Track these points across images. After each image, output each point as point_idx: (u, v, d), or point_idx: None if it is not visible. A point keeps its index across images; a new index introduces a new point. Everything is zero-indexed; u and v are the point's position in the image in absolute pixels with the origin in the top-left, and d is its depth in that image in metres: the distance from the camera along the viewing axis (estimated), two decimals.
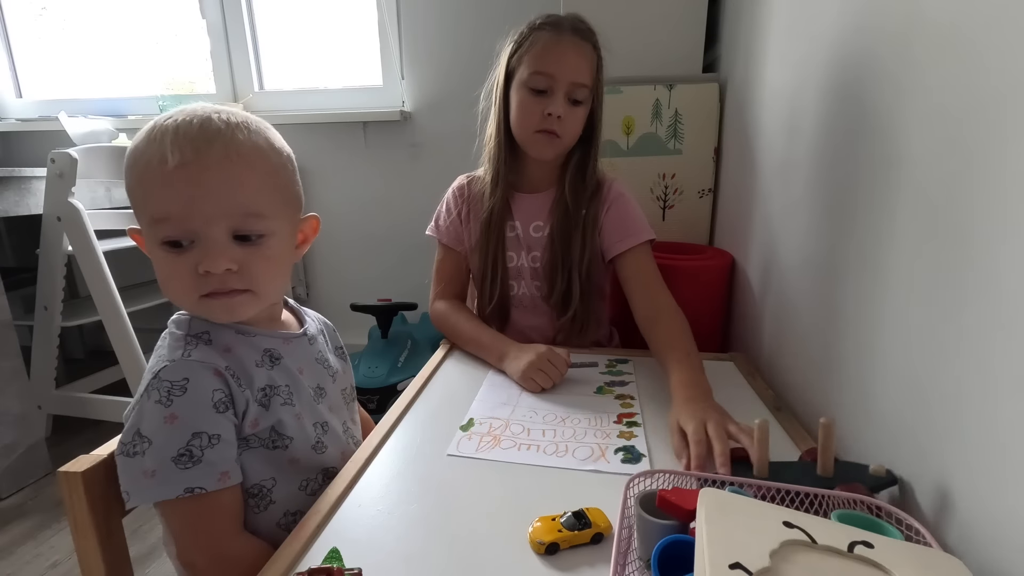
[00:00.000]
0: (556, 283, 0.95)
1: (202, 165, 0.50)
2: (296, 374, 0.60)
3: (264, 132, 0.56)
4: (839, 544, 0.35)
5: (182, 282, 0.53)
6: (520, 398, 0.79)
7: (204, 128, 0.51)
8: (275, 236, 0.55)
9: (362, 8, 1.84)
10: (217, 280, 0.52)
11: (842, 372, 0.66)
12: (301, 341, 0.64)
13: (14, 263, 2.15)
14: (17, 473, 1.47)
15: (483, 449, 0.65)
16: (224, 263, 0.51)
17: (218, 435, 0.51)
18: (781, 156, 0.88)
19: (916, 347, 0.51)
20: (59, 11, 2.08)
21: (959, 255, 0.45)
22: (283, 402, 0.57)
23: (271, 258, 0.55)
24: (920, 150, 0.51)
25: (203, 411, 0.51)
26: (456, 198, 1.02)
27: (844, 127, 0.67)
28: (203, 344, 0.55)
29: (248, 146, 0.53)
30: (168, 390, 0.50)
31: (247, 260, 0.53)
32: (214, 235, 0.51)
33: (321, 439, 0.61)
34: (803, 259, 0.79)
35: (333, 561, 0.46)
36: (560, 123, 0.88)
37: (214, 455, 0.51)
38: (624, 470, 0.60)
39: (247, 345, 0.58)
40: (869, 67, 0.61)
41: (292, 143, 0.63)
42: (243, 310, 0.56)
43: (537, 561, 0.47)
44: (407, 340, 1.74)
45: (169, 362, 0.52)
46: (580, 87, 0.87)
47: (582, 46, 0.88)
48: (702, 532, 0.35)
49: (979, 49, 0.44)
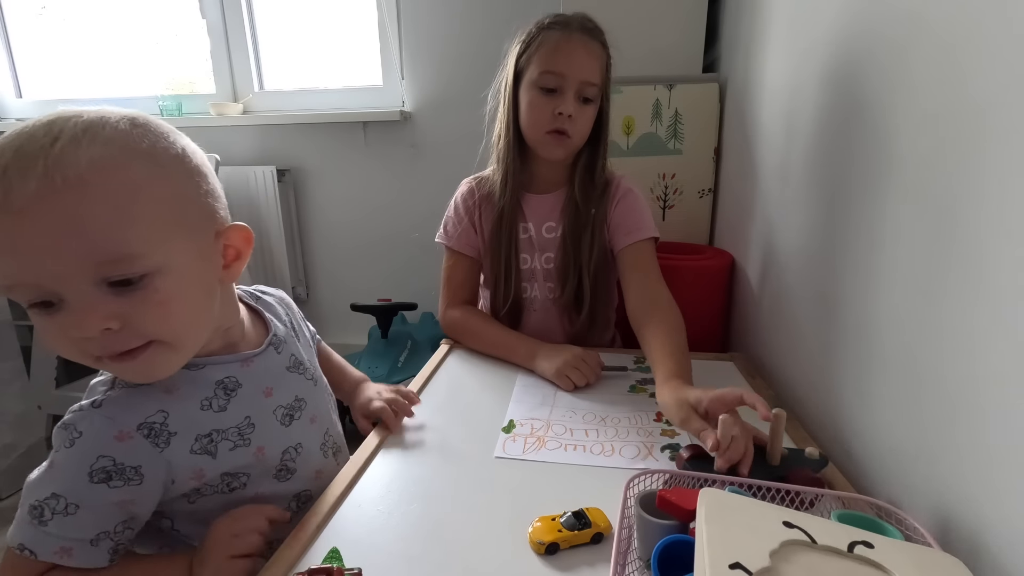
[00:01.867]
0: (567, 284, 0.96)
1: (13, 209, 0.37)
2: (260, 399, 0.54)
3: (125, 137, 0.42)
4: (839, 544, 0.35)
5: (69, 351, 0.44)
6: (556, 398, 0.79)
7: (20, 152, 0.38)
8: (166, 273, 0.43)
9: (362, 8, 1.84)
10: (97, 345, 0.42)
11: (842, 371, 0.66)
12: (266, 355, 0.56)
13: None
14: (17, 473, 1.47)
15: (530, 451, 0.65)
16: (97, 323, 0.41)
17: (76, 505, 0.44)
18: (781, 156, 0.88)
19: (916, 346, 0.51)
20: (59, 10, 2.08)
21: (959, 255, 0.45)
22: (232, 446, 0.52)
23: (166, 301, 0.44)
24: (920, 150, 0.51)
25: (74, 474, 0.44)
26: (466, 202, 1.01)
27: (844, 127, 0.67)
28: (133, 387, 0.48)
29: (86, 164, 0.39)
30: (64, 438, 0.46)
31: (131, 312, 0.42)
32: (74, 292, 0.40)
33: (288, 464, 0.56)
34: (803, 259, 0.79)
35: (333, 561, 0.46)
36: (571, 122, 0.88)
37: (61, 527, 0.44)
38: (674, 468, 0.59)
39: (193, 383, 0.50)
40: (868, 67, 0.61)
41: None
42: (162, 368, 0.47)
43: (537, 561, 0.47)
44: (407, 340, 1.74)
45: (79, 410, 0.47)
46: (590, 86, 0.87)
47: (591, 44, 0.87)
48: (702, 532, 0.35)
49: (975, 50, 0.44)
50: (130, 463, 0.46)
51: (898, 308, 0.54)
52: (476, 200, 1.00)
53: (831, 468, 0.59)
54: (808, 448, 0.56)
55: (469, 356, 0.95)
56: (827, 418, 0.68)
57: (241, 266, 0.52)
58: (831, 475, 0.58)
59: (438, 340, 1.03)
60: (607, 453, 0.64)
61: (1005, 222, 0.40)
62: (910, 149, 0.53)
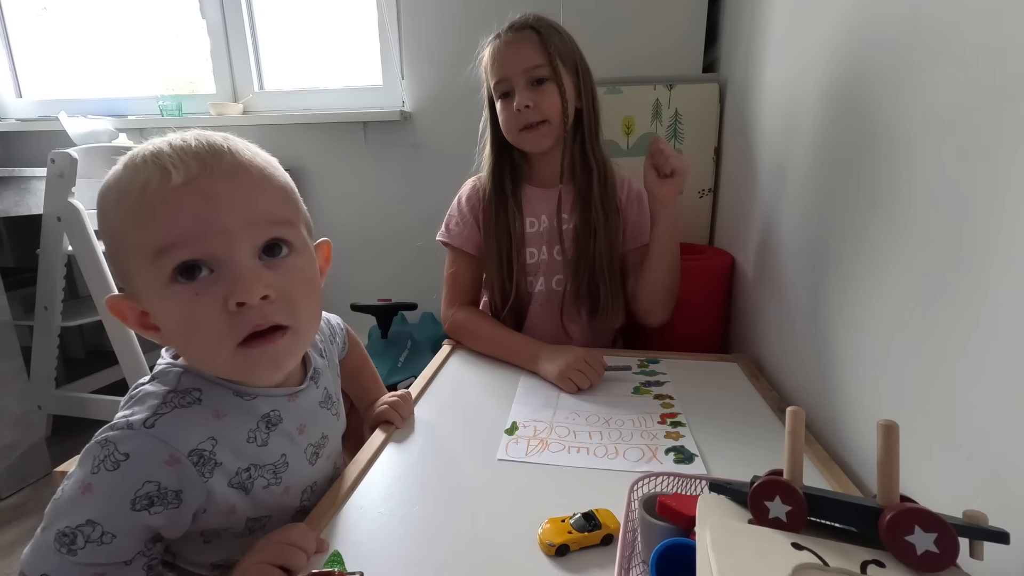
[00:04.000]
0: (579, 276, 0.96)
1: (214, 179, 0.43)
2: (295, 436, 0.53)
3: (265, 153, 0.51)
4: (851, 566, 0.34)
5: (211, 328, 0.43)
6: (559, 400, 0.79)
7: (205, 143, 0.44)
8: (303, 253, 0.49)
9: (362, 8, 1.84)
10: (256, 314, 0.44)
11: (845, 372, 0.65)
12: (307, 391, 0.56)
13: (14, 263, 2.15)
14: (17, 473, 1.47)
15: (533, 453, 0.65)
16: (260, 288, 0.43)
17: (113, 535, 0.41)
18: (781, 156, 0.88)
19: (918, 346, 0.51)
20: (60, 11, 2.07)
21: (961, 255, 0.45)
22: (266, 484, 0.50)
23: (307, 280, 0.48)
24: (920, 150, 0.51)
25: (117, 501, 0.42)
26: (470, 200, 1.02)
27: (844, 127, 0.67)
28: (185, 407, 0.46)
29: (259, 159, 0.47)
30: (104, 457, 0.42)
31: (282, 284, 0.45)
32: (238, 256, 0.43)
33: (306, 504, 0.55)
34: (803, 259, 0.79)
35: (335, 565, 0.46)
36: (533, 111, 0.90)
37: (94, 555, 0.41)
38: (678, 471, 0.59)
39: (243, 412, 0.49)
40: (869, 67, 0.61)
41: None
42: (288, 359, 0.49)
43: (546, 563, 0.47)
44: (407, 340, 1.74)
45: (127, 427, 0.43)
46: (533, 69, 0.90)
47: (520, 36, 0.91)
48: (710, 560, 0.34)
49: (977, 50, 0.44)
50: (173, 487, 0.44)
51: (899, 308, 0.54)
52: (480, 199, 1.00)
53: (839, 475, 0.58)
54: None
55: (471, 357, 0.95)
56: (829, 419, 0.68)
57: (322, 280, 0.54)
58: (837, 478, 0.58)
59: (438, 340, 1.03)
60: (611, 456, 0.64)
61: (1008, 223, 0.40)
62: (911, 149, 0.53)
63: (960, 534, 0.33)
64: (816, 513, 0.37)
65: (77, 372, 1.81)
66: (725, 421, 0.71)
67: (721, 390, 0.72)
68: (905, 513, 0.33)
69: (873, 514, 0.35)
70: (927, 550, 0.33)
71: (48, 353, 1.62)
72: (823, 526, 0.37)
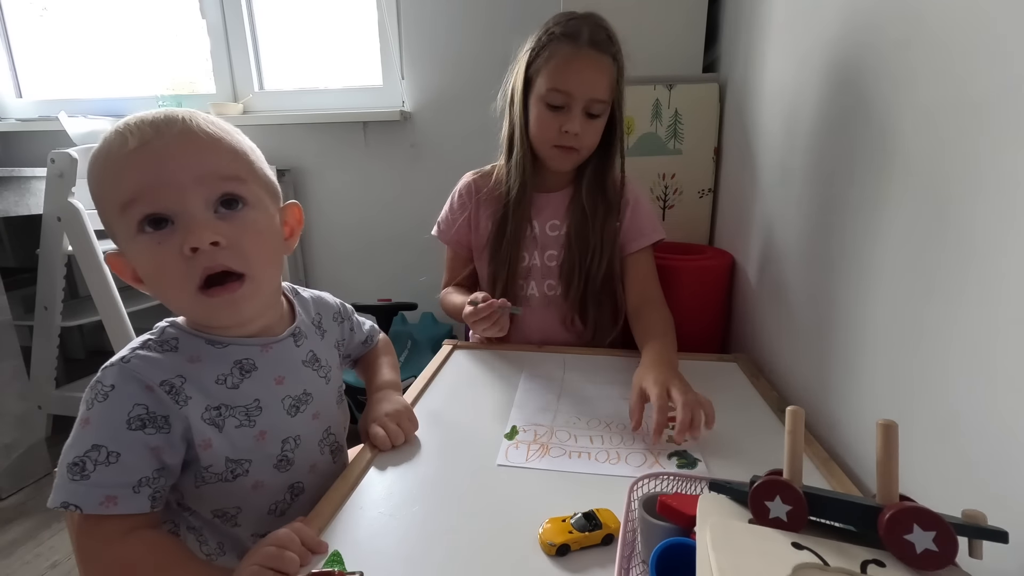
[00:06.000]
0: (572, 285, 0.96)
1: (164, 141, 0.49)
2: (271, 384, 0.58)
3: (228, 125, 0.55)
4: (851, 565, 0.34)
5: (172, 272, 0.49)
6: (559, 403, 0.78)
7: (163, 115, 0.50)
8: (258, 208, 0.53)
9: (362, 8, 1.84)
10: (207, 257, 0.49)
11: (845, 372, 0.65)
12: (284, 344, 0.60)
13: (14, 263, 2.15)
14: (17, 473, 1.47)
15: (533, 458, 0.64)
16: (208, 235, 0.48)
17: (117, 453, 0.47)
18: (781, 156, 0.88)
19: (918, 345, 0.51)
20: (60, 11, 2.07)
21: (961, 255, 0.45)
22: (238, 424, 0.55)
23: (259, 231, 0.53)
24: (920, 149, 0.51)
25: (114, 423, 0.48)
26: (463, 197, 1.02)
27: (844, 126, 0.67)
28: (161, 351, 0.53)
29: (213, 126, 0.52)
30: (95, 395, 0.49)
31: (233, 234, 0.50)
32: (191, 208, 0.49)
33: (287, 455, 0.58)
34: (804, 258, 0.79)
35: (334, 564, 0.46)
36: (577, 139, 0.88)
37: (104, 476, 0.47)
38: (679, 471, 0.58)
39: (216, 358, 0.55)
40: (868, 67, 0.61)
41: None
42: (246, 304, 0.53)
43: (547, 563, 0.47)
44: (407, 340, 1.74)
45: (109, 367, 0.51)
46: (597, 103, 0.87)
47: (600, 60, 0.85)
48: (710, 559, 0.34)
49: (975, 49, 0.44)
50: (160, 412, 0.50)
51: (899, 307, 0.54)
52: (476, 197, 1.00)
53: (839, 474, 0.59)
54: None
55: (471, 358, 0.95)
56: (828, 419, 0.68)
57: (294, 243, 0.61)
58: (837, 478, 0.58)
59: (438, 340, 1.03)
60: (612, 460, 0.63)
61: (1007, 221, 0.40)
62: (911, 148, 0.53)
63: (959, 533, 0.33)
64: (816, 513, 0.37)
65: (77, 372, 1.82)
66: (725, 421, 0.71)
67: (721, 390, 0.72)
68: (904, 511, 0.34)
69: (873, 513, 0.35)
70: (926, 548, 0.33)
71: (48, 353, 1.62)
72: (823, 526, 0.38)
